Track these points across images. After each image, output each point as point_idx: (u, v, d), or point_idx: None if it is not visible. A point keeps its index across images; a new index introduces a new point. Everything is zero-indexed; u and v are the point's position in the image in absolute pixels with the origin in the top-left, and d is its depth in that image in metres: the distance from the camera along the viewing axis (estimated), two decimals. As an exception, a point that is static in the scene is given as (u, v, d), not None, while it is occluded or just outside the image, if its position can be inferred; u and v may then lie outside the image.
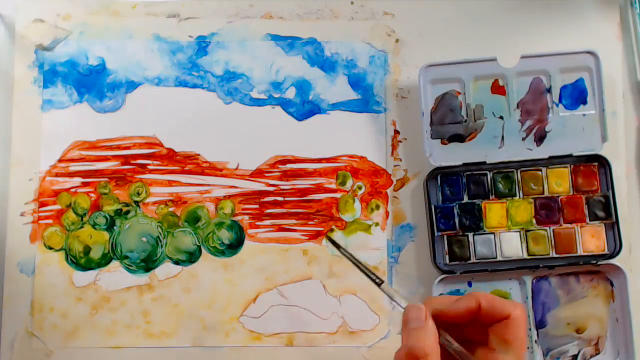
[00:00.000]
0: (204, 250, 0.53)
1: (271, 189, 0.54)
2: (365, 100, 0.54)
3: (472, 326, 0.39)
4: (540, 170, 0.53)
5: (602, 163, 0.52)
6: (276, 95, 0.54)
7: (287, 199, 0.54)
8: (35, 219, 0.53)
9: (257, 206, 0.54)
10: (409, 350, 0.37)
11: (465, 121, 0.53)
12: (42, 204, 0.53)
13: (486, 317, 0.38)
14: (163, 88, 0.54)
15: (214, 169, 0.54)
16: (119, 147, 0.54)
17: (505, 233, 0.52)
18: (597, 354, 0.52)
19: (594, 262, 0.51)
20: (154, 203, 0.53)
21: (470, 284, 0.52)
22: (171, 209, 0.53)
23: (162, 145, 0.54)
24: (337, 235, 0.53)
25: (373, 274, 0.44)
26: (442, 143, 0.53)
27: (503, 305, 0.38)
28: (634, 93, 0.55)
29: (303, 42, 0.55)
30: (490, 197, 0.52)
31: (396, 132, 0.54)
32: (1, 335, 0.52)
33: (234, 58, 0.55)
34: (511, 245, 0.52)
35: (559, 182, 0.52)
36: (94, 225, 0.53)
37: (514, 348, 0.37)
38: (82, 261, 0.53)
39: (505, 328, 0.38)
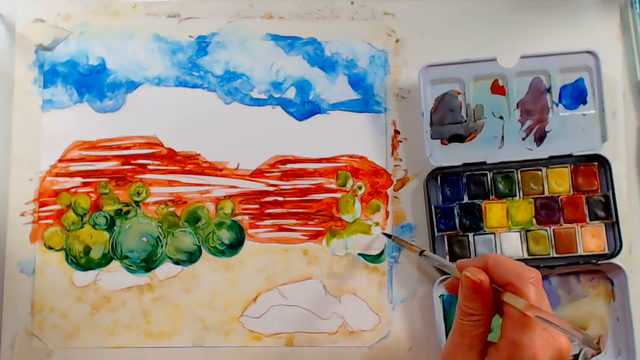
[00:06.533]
0: (204, 250, 0.53)
1: (271, 189, 0.54)
2: (365, 100, 0.54)
3: None
4: (540, 170, 0.53)
5: (602, 163, 0.52)
6: (276, 95, 0.54)
7: (287, 199, 0.54)
8: (35, 219, 0.53)
9: (257, 206, 0.54)
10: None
11: (465, 121, 0.53)
12: (42, 204, 0.53)
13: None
14: (163, 88, 0.54)
15: (214, 169, 0.54)
16: (119, 147, 0.54)
17: (506, 233, 0.52)
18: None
19: (594, 261, 0.51)
20: (154, 203, 0.53)
21: (470, 284, 0.52)
22: (171, 209, 0.53)
23: (162, 145, 0.54)
24: (335, 241, 0.53)
25: (415, 245, 0.49)
26: (442, 143, 0.53)
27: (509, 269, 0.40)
28: (634, 93, 0.55)
29: (303, 42, 0.55)
30: (491, 197, 0.52)
31: (396, 132, 0.54)
32: (1, 335, 0.52)
33: (234, 58, 0.55)
34: (511, 246, 0.52)
35: (559, 182, 0.52)
36: (94, 225, 0.53)
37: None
38: (82, 261, 0.53)
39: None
